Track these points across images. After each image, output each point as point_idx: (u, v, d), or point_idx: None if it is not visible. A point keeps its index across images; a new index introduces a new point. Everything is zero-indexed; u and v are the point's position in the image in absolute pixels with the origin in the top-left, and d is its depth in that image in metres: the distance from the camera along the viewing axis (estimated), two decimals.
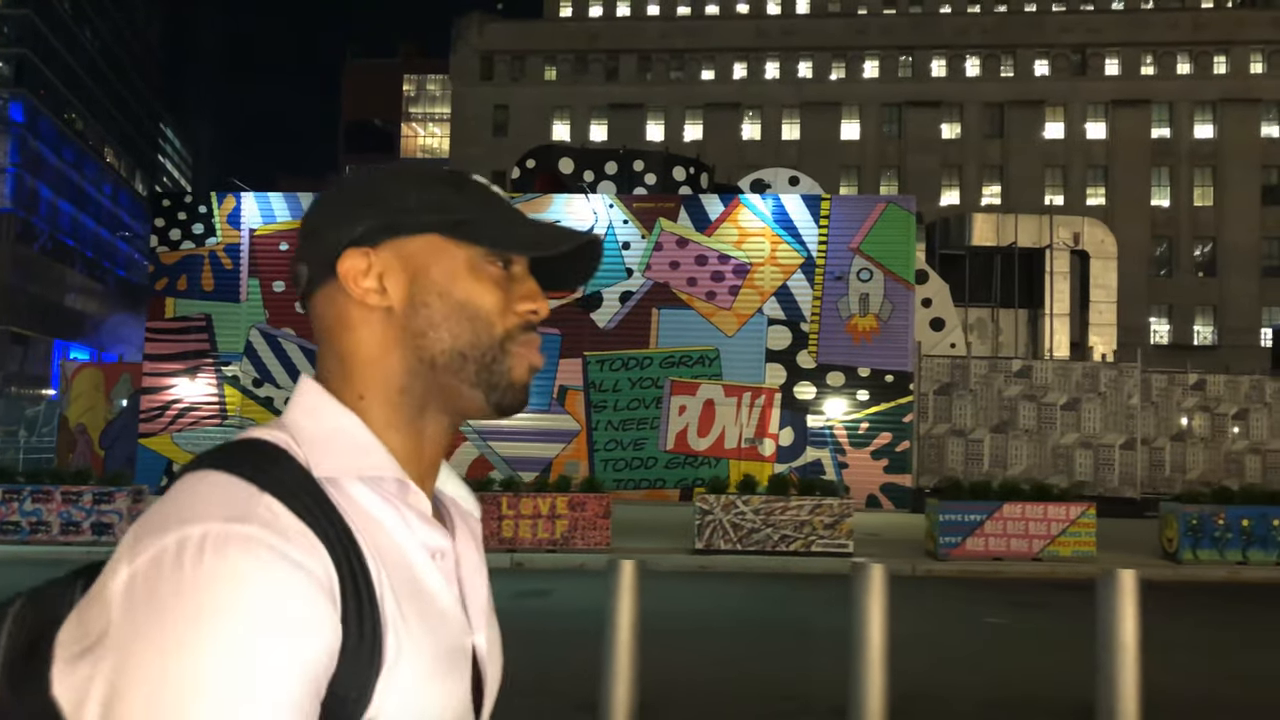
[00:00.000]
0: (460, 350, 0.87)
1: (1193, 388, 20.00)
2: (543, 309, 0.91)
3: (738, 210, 19.16)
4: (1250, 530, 11.75)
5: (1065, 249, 25.05)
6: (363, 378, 0.87)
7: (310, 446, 0.82)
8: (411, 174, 0.91)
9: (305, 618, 0.72)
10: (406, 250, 0.88)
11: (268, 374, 19.26)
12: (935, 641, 8.19)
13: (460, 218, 0.88)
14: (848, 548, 11.88)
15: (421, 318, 0.87)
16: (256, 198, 19.79)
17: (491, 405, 0.89)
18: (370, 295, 0.87)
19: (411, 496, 0.85)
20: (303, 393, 0.88)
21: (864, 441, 18.53)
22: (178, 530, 0.73)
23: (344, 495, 0.81)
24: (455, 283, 0.88)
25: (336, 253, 0.88)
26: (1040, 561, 11.91)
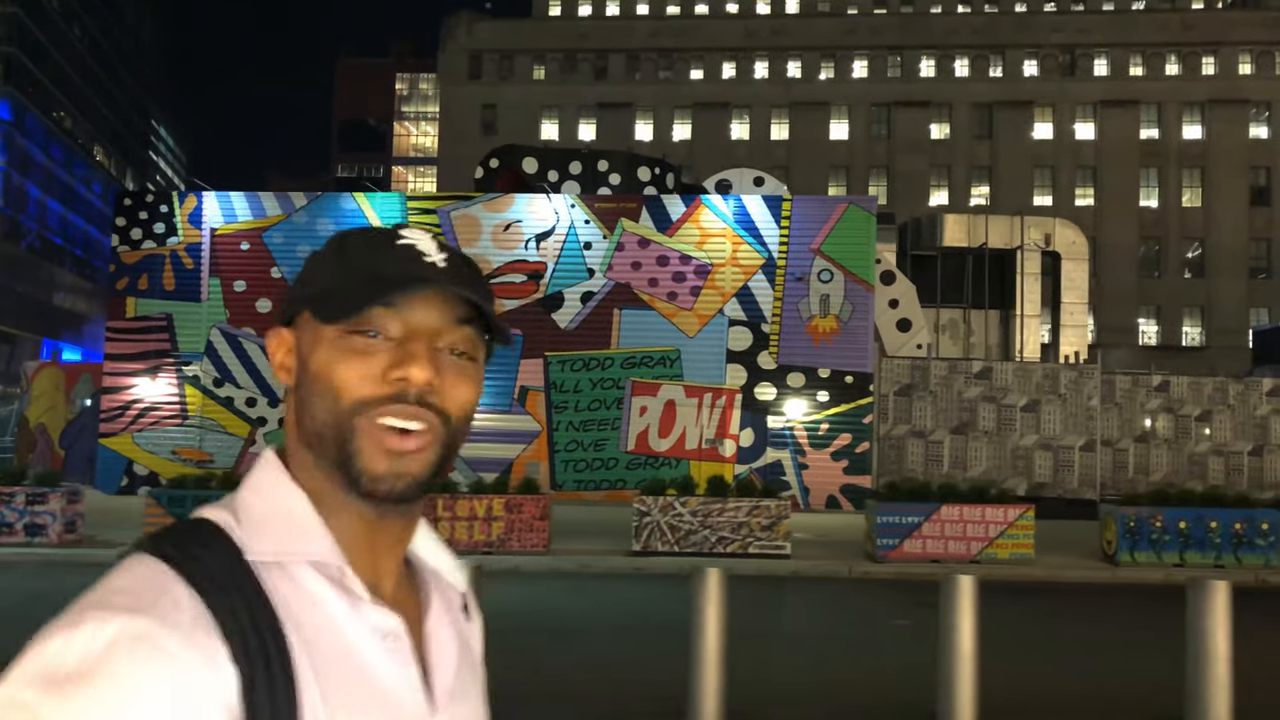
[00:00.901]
0: (317, 430, 0.84)
1: (1156, 389, 19.98)
2: (414, 375, 0.83)
3: (699, 211, 19.14)
4: (1187, 532, 11.72)
5: (1036, 250, 25.03)
6: (291, 456, 0.87)
7: (250, 528, 0.81)
8: (329, 248, 0.90)
9: (179, 717, 0.69)
10: (299, 328, 0.88)
11: (228, 374, 19.24)
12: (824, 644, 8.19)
13: (321, 290, 0.86)
14: (785, 549, 11.86)
15: (301, 395, 0.86)
16: (218, 197, 19.77)
17: (352, 489, 0.83)
18: (280, 372, 0.89)
19: (348, 581, 0.82)
20: (258, 467, 0.87)
21: (824, 442, 18.51)
22: (85, 620, 0.71)
23: (286, 579, 0.80)
24: (314, 355, 0.85)
25: None
26: (978, 564, 11.89)
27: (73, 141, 75.68)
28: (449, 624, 0.91)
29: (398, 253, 0.86)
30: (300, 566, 0.80)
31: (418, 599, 0.90)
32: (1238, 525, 11.71)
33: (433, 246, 0.88)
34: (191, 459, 18.65)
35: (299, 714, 0.74)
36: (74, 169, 75.74)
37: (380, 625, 0.82)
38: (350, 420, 0.82)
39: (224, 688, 0.72)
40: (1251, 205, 53.68)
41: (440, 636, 0.89)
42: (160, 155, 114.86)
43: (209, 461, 18.80)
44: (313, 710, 0.75)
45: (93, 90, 79.33)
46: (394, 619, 0.83)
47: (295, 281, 0.90)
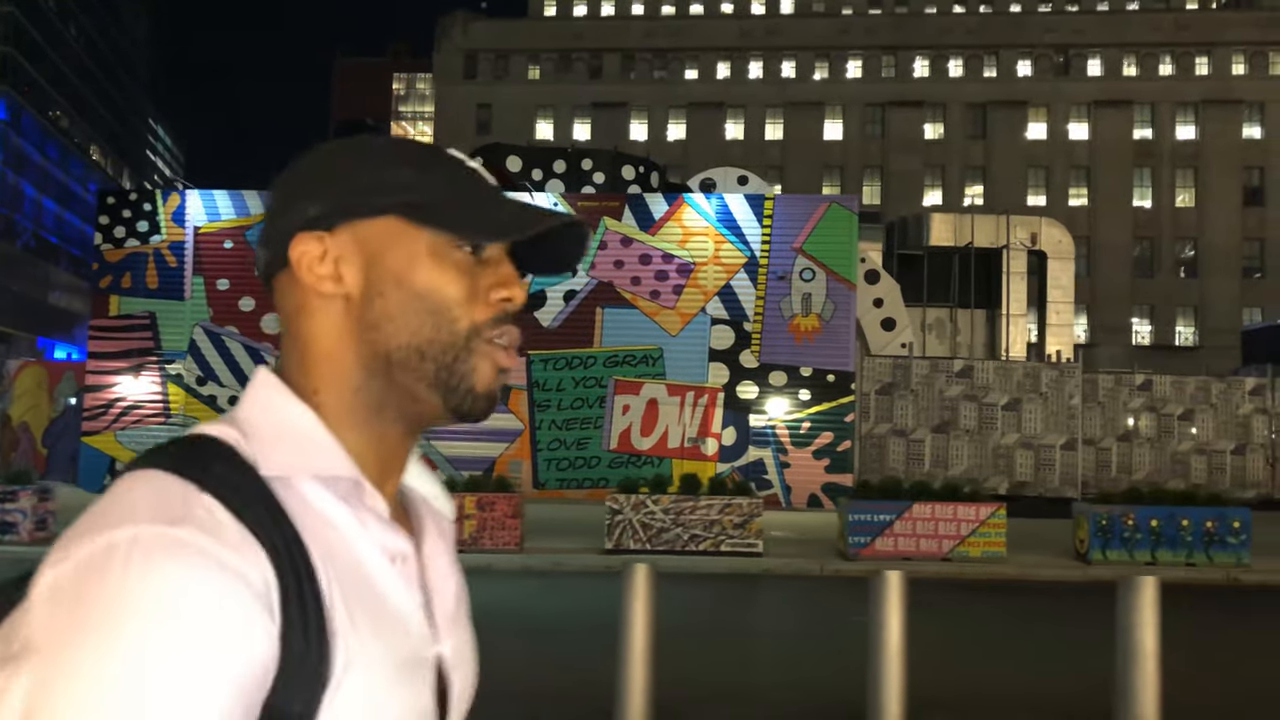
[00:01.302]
0: (418, 346, 0.80)
1: (1139, 388, 20.01)
2: (518, 296, 0.83)
3: (682, 210, 19.16)
4: (1159, 531, 11.74)
5: (1023, 249, 25.05)
6: (318, 372, 0.82)
7: (259, 443, 0.77)
8: (374, 148, 0.84)
9: (235, 629, 0.67)
10: (364, 234, 0.81)
11: (211, 372, 19.25)
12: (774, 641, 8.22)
13: (421, 199, 0.81)
14: (757, 547, 11.88)
15: (377, 309, 0.80)
16: (201, 195, 19.78)
17: (449, 410, 0.82)
18: (324, 282, 0.81)
19: (368, 498, 0.80)
20: (256, 385, 0.83)
21: (806, 441, 18.53)
22: (106, 533, 0.68)
23: (294, 495, 0.77)
24: (414, 270, 0.80)
25: (290, 235, 0.82)
26: (950, 561, 11.91)
27: (69, 141, 75.65)
28: (445, 550, 0.89)
29: (478, 176, 0.85)
30: (308, 483, 0.77)
31: (411, 525, 0.88)
32: (1209, 524, 11.73)
33: (488, 173, 0.88)
34: None
35: (328, 630, 0.73)
36: (70, 168, 75.71)
37: (390, 546, 0.81)
38: (469, 340, 0.81)
39: (269, 601, 0.70)
40: (1244, 205, 53.74)
41: (439, 563, 0.87)
42: (158, 155, 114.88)
43: None
44: (341, 627, 0.74)
45: (89, 89, 79.30)
46: (404, 540, 0.82)
47: (335, 181, 0.82)
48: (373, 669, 0.74)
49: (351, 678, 0.73)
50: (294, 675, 0.70)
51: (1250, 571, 11.69)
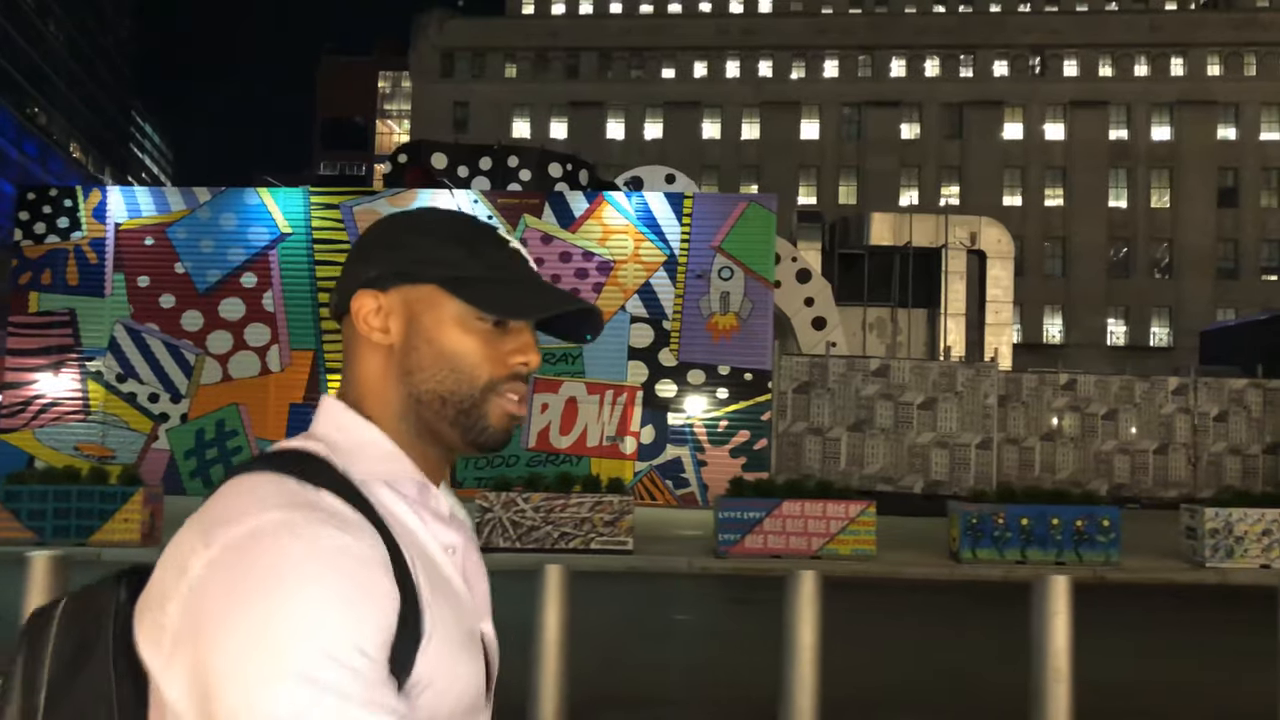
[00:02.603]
0: (440, 394, 0.96)
1: (1063, 388, 19.99)
2: (533, 361, 0.99)
3: (602, 207, 19.13)
4: (1029, 529, 11.73)
5: (961, 249, 25.02)
6: (371, 403, 0.97)
7: (343, 454, 0.92)
8: (435, 225, 0.99)
9: (379, 590, 0.81)
10: (411, 296, 0.97)
11: (131, 369, 19.21)
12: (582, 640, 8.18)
13: (460, 274, 0.95)
14: (627, 545, 11.86)
15: (412, 359, 0.96)
16: (122, 192, 19.76)
17: (467, 444, 0.98)
18: (374, 333, 0.97)
19: (431, 499, 0.97)
20: (329, 410, 0.98)
21: (723, 439, 18.52)
22: (249, 520, 0.81)
23: (374, 496, 0.91)
24: (441, 332, 0.96)
25: (353, 290, 0.98)
26: (819, 559, 11.89)
27: (47, 137, 75.54)
28: (475, 550, 1.03)
29: (515, 256, 1.00)
30: (380, 487, 0.92)
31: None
32: (1079, 522, 11.71)
33: (526, 251, 1.04)
34: (94, 455, 18.61)
35: (420, 599, 0.86)
36: (49, 165, 75.59)
37: (445, 539, 0.96)
38: (484, 394, 0.96)
39: (390, 570, 0.84)
40: (1219, 206, 53.72)
41: (472, 558, 1.01)
42: (146, 152, 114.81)
43: (111, 457, 18.76)
44: (426, 598, 0.87)
45: (69, 86, 79.21)
46: (454, 534, 0.98)
47: (396, 251, 0.97)
48: (449, 635, 0.89)
49: (435, 640, 0.87)
50: (403, 633, 0.83)
51: (1118, 570, 11.68)
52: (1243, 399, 20.01)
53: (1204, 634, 9.26)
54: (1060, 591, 4.43)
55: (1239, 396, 20.02)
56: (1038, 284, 54.59)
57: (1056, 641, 4.35)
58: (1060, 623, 4.38)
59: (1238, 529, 11.72)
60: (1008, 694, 5.30)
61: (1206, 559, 11.81)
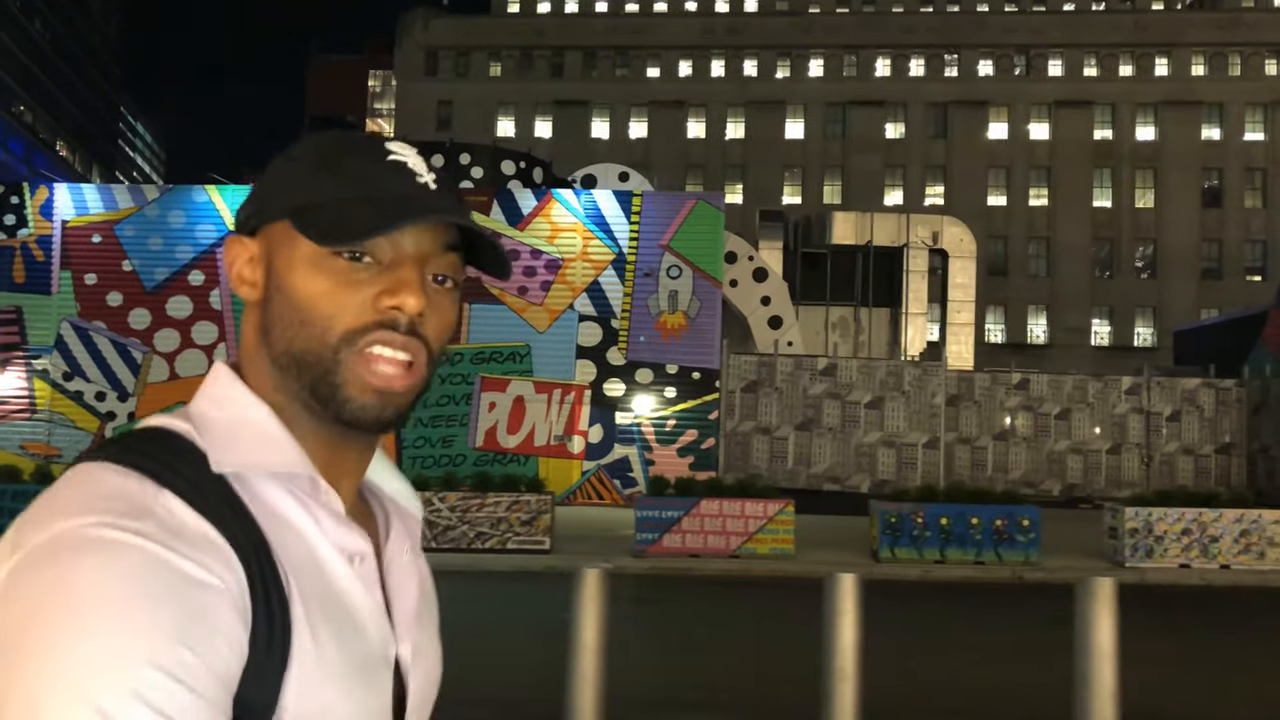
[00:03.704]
0: (294, 355, 0.79)
1: (1016, 387, 19.93)
2: (409, 304, 0.78)
3: (550, 205, 19.06)
4: (949, 529, 11.66)
5: (923, 248, 24.96)
6: (249, 371, 0.82)
7: (215, 439, 0.76)
8: (307, 148, 0.82)
9: (208, 614, 0.66)
10: (270, 237, 0.81)
11: (78, 367, 19.13)
12: None
13: (305, 201, 0.79)
14: (544, 544, 11.79)
15: (267, 313, 0.80)
16: (70, 189, 19.68)
17: (335, 420, 0.79)
18: (240, 287, 0.83)
19: (324, 495, 0.79)
20: (212, 380, 0.82)
21: (670, 438, 18.44)
22: (58, 524, 0.66)
23: (251, 492, 0.75)
24: (290, 277, 0.79)
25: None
26: (737, 559, 11.82)
27: (33, 136, 75.44)
28: (408, 550, 0.87)
29: (389, 169, 0.80)
30: (263, 480, 0.76)
31: (375, 525, 0.86)
32: (999, 522, 11.64)
33: (422, 164, 0.83)
34: (39, 454, 18.53)
35: (290, 627, 0.72)
36: (34, 163, 75.47)
37: (348, 545, 0.79)
38: (337, 351, 0.78)
39: (238, 602, 0.69)
40: (1203, 206, 53.70)
41: (400, 563, 0.86)
42: (137, 151, 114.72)
43: (57, 456, 18.69)
44: (299, 627, 0.72)
45: (56, 85, 79.11)
46: (362, 539, 0.80)
47: (262, 185, 0.82)
48: (328, 668, 0.73)
49: (309, 676, 0.72)
50: (260, 670, 0.69)
51: (1035, 570, 11.61)
52: (1195, 399, 19.95)
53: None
54: (848, 590, 4.35)
55: (1192, 396, 19.96)
56: (1022, 283, 54.59)
57: (844, 640, 4.27)
58: (848, 621, 4.30)
59: (1157, 529, 11.65)
60: (806, 694, 5.19)
61: (1126, 558, 11.74)
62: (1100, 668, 4.31)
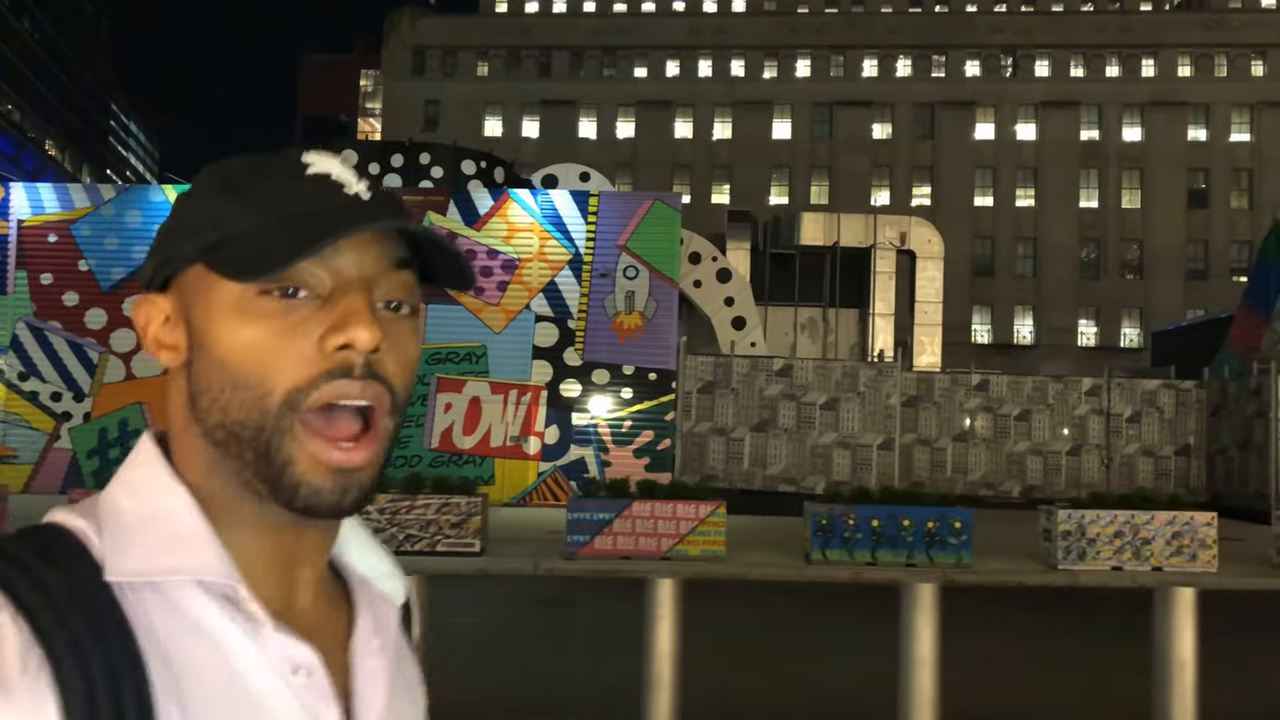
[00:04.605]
0: (229, 428, 0.66)
1: (976, 388, 19.87)
2: (360, 339, 0.65)
3: (507, 205, 19.01)
4: (880, 530, 11.61)
5: (891, 249, 24.92)
6: (176, 450, 0.70)
7: (116, 538, 0.64)
8: (210, 177, 0.70)
9: None
10: (182, 289, 0.69)
11: (34, 368, 19.06)
12: None
13: (218, 236, 0.66)
14: (474, 547, 11.74)
15: (194, 379, 0.68)
16: (25, 188, 19.62)
17: (286, 508, 0.66)
18: (159, 353, 0.70)
19: (246, 606, 0.66)
20: (132, 460, 0.70)
21: (627, 439, 18.39)
22: None
23: (162, 601, 0.63)
24: (214, 328, 0.66)
25: None
26: (669, 560, 11.77)
27: (21, 135, 75.36)
28: (379, 646, 0.74)
29: (310, 185, 0.68)
30: (180, 586, 0.64)
31: (344, 614, 0.75)
32: (930, 524, 11.59)
33: (349, 174, 0.71)
34: None
35: None
36: (22, 162, 75.41)
37: (289, 656, 0.67)
38: (280, 419, 0.65)
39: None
40: (1189, 207, 53.75)
41: (368, 665, 0.73)
42: (131, 150, 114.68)
43: (12, 457, 18.64)
44: None
45: (46, 84, 79.04)
46: (304, 648, 0.67)
47: (165, 231, 0.70)
48: None
49: None
50: None
51: (967, 572, 11.56)
52: (1156, 400, 19.91)
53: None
54: (667, 595, 4.31)
55: (1152, 398, 19.92)
56: (1008, 284, 54.62)
57: (660, 647, 4.22)
58: (665, 628, 4.25)
59: (1090, 531, 11.61)
60: (626, 697, 5.13)
61: (1059, 561, 11.69)
62: (920, 674, 4.27)
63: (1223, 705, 6.85)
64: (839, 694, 6.63)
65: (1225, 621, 10.08)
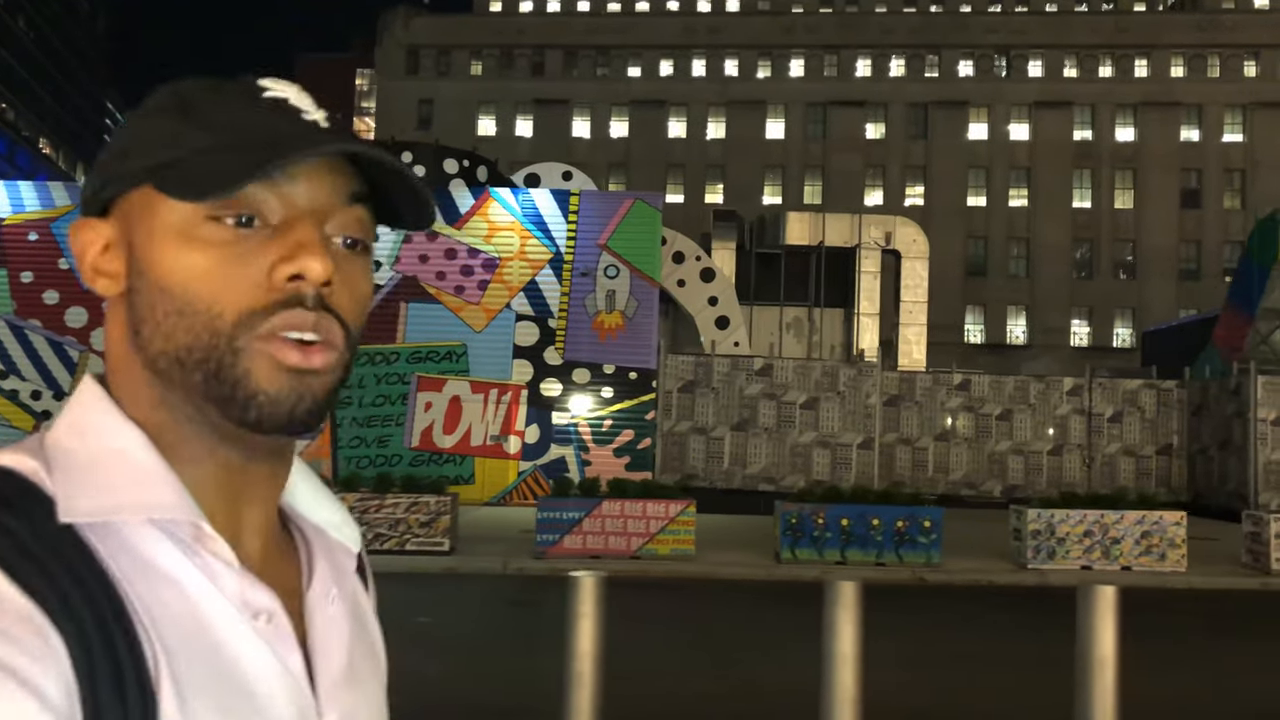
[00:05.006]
0: (174, 354, 0.64)
1: (957, 388, 19.87)
2: (313, 270, 0.64)
3: (487, 204, 18.99)
4: (849, 530, 11.60)
5: (875, 248, 24.91)
6: (118, 385, 0.67)
7: (68, 477, 0.61)
8: (159, 98, 0.68)
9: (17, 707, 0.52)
10: (125, 212, 0.66)
11: (13, 366, 19.03)
12: None
13: (169, 156, 0.63)
14: (444, 546, 11.73)
15: (135, 308, 0.65)
16: (6, 186, 19.58)
17: (240, 425, 0.64)
18: (96, 280, 0.67)
19: (208, 543, 0.64)
20: (75, 401, 0.67)
21: (607, 439, 18.38)
22: None
23: (118, 543, 0.61)
24: (155, 255, 0.64)
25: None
26: (638, 559, 11.76)
27: (15, 134, 75.29)
28: (338, 594, 0.73)
29: (267, 108, 0.66)
30: (136, 527, 0.62)
31: (296, 563, 0.73)
32: (900, 523, 11.58)
33: (308, 100, 0.69)
34: None
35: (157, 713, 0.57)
36: (16, 160, 75.31)
37: (249, 600, 0.65)
38: (233, 339, 0.63)
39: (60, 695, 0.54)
40: (1182, 207, 53.79)
41: (326, 612, 0.71)
42: None
43: None
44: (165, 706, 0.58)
45: (40, 83, 78.98)
46: (264, 592, 0.66)
47: (111, 149, 0.67)
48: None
49: None
50: None
51: (937, 571, 11.55)
52: (1137, 400, 19.91)
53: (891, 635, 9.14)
54: (588, 593, 4.30)
55: (1133, 398, 19.92)
56: (1001, 284, 54.65)
57: (582, 644, 4.21)
58: (587, 625, 4.24)
59: (1059, 530, 11.60)
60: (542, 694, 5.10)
61: (1029, 560, 11.69)
62: (841, 671, 4.26)
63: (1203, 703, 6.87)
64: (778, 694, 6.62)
65: (1196, 620, 10.10)
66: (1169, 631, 9.21)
